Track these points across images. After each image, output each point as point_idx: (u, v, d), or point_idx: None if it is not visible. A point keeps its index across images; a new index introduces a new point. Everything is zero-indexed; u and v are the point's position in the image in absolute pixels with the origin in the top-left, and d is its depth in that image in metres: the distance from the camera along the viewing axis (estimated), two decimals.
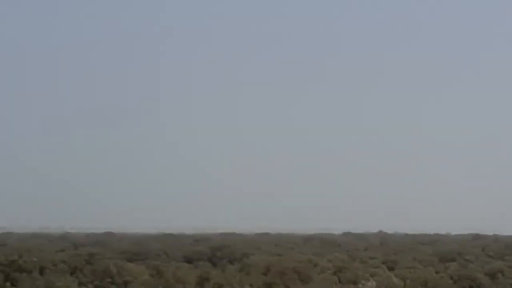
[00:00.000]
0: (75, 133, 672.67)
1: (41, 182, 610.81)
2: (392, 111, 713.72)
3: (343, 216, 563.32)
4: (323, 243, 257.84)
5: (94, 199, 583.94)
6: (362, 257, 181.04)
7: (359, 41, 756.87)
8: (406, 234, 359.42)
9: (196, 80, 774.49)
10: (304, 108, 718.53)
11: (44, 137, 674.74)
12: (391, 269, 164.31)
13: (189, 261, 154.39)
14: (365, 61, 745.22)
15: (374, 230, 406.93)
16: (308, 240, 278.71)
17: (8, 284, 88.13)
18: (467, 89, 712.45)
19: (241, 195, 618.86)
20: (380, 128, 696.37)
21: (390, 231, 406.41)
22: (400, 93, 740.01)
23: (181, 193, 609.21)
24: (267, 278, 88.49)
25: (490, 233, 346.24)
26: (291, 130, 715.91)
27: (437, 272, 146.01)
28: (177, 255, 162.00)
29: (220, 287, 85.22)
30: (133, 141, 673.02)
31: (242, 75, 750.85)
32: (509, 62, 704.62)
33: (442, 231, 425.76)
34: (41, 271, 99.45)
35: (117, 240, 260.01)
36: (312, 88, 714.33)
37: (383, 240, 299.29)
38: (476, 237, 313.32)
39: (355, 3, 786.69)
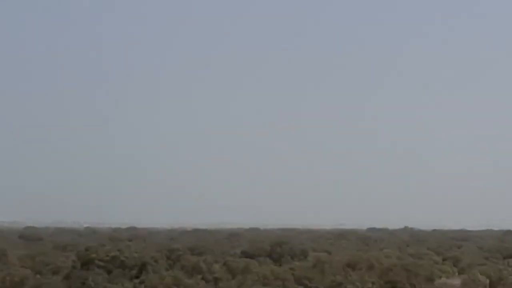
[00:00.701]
0: (77, 132, 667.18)
1: (48, 178, 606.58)
2: (397, 109, 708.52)
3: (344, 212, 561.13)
4: (359, 239, 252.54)
5: (98, 195, 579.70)
6: (414, 253, 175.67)
7: (361, 41, 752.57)
8: (434, 230, 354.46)
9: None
10: (303, 108, 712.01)
11: (46, 135, 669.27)
12: (454, 265, 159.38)
13: (249, 257, 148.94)
14: (369, 60, 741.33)
15: (384, 226, 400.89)
16: (341, 236, 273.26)
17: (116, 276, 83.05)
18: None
19: (242, 193, 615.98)
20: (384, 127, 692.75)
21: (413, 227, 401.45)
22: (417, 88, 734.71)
23: (185, 191, 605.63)
24: (390, 276, 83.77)
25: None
26: (297, 128, 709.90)
27: (505, 270, 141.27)
28: (233, 251, 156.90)
29: (339, 285, 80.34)
30: (133, 140, 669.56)
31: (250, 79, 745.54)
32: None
33: (457, 226, 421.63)
34: (143, 267, 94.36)
35: (149, 235, 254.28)
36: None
37: (414, 236, 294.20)
38: (508, 233, 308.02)
39: (356, 3, 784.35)
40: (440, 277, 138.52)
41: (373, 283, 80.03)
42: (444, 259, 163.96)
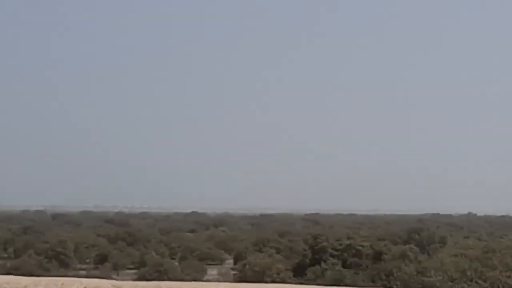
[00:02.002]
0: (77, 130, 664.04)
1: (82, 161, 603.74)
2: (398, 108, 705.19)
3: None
4: (445, 224, 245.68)
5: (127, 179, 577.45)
6: None
7: (361, 41, 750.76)
8: (503, 216, 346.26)
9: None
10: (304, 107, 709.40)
11: (48, 133, 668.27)
12: None
13: None
14: (369, 60, 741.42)
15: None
16: (420, 221, 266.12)
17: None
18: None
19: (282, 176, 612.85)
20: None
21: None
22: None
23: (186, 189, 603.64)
24: None
25: None
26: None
27: None
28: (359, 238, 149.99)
29: None
30: (132, 138, 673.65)
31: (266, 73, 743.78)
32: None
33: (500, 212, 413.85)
34: (377, 256, 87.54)
35: (227, 220, 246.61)
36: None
37: (489, 222, 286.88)
38: None
39: (356, 3, 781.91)
40: None
41: None
42: None
